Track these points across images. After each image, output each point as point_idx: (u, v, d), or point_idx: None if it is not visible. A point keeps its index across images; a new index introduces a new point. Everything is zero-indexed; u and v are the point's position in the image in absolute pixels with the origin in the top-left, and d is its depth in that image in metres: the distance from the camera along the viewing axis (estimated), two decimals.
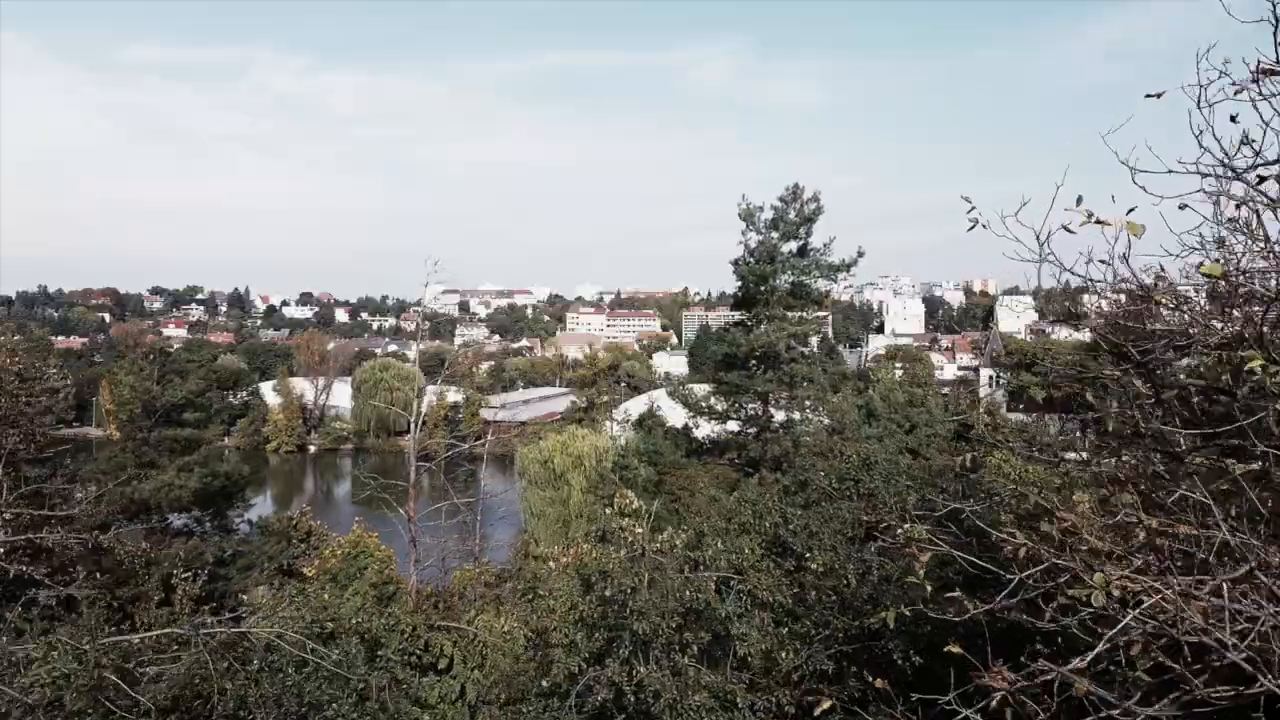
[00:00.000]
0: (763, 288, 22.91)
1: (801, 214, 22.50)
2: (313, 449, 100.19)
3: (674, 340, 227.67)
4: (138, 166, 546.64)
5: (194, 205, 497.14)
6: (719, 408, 23.31)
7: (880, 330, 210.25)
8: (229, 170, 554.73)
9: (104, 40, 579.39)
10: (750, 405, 23.41)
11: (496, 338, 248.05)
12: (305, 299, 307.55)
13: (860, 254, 22.30)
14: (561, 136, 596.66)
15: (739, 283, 23.50)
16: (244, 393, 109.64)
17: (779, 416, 22.76)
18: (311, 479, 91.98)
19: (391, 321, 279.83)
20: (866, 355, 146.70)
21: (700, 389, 24.58)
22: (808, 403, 21.29)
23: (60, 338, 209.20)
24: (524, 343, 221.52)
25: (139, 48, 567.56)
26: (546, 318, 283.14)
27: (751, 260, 22.82)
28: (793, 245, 23.26)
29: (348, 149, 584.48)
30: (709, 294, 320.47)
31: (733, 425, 24.58)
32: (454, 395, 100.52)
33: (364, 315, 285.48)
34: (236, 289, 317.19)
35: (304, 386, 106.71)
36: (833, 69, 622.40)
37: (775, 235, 22.77)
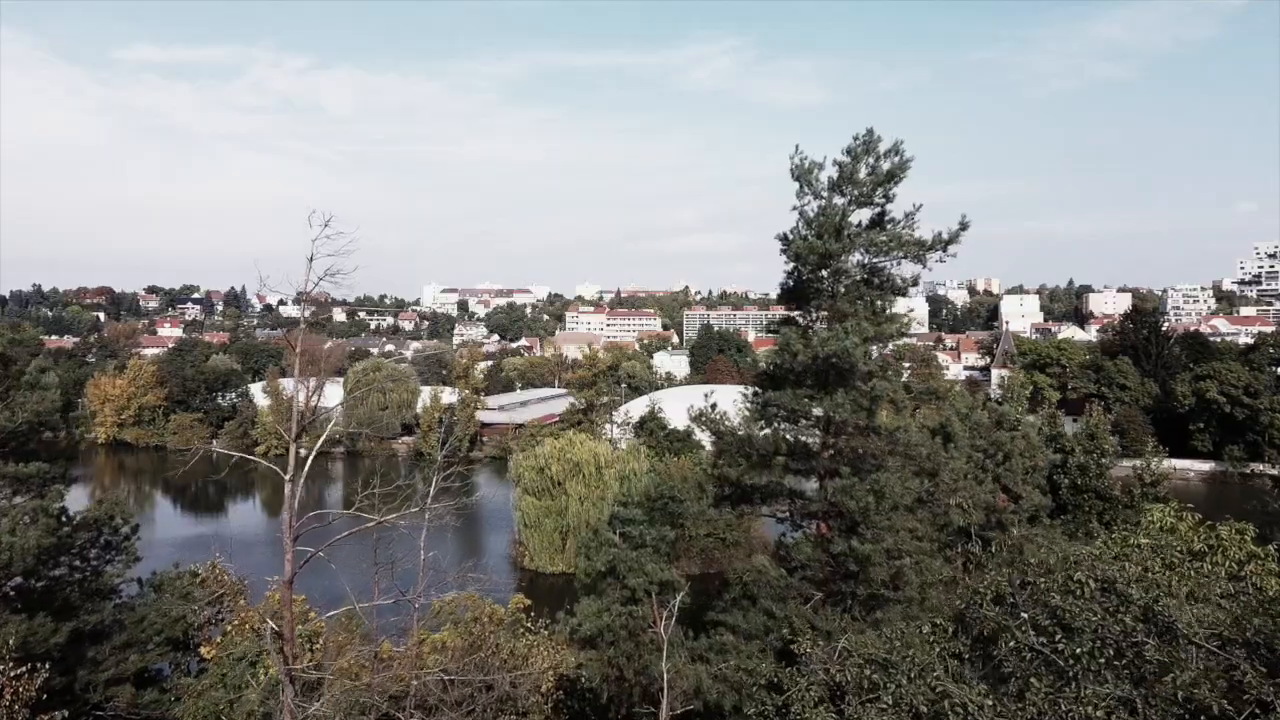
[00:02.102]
0: (824, 272, 16.49)
1: (876, 172, 15.98)
2: (303, 452, 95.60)
3: (675, 340, 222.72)
4: (135, 165, 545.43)
5: (191, 204, 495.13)
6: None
7: None
8: (227, 169, 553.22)
9: (103, 40, 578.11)
10: (807, 437, 17.13)
11: (495, 337, 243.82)
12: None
13: (964, 225, 15.71)
14: (561, 136, 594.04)
15: (791, 265, 16.65)
16: (233, 394, 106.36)
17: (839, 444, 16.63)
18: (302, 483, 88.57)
19: (390, 320, 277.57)
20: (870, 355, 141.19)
21: (731, 406, 18.28)
22: (899, 434, 15.09)
23: (54, 337, 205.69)
24: (523, 342, 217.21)
25: (138, 47, 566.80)
26: (546, 317, 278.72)
27: (809, 234, 16.15)
28: (865, 214, 16.80)
29: (346, 149, 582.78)
30: (709, 293, 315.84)
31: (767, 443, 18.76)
32: (448, 397, 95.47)
33: (361, 314, 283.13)
34: (233, 288, 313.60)
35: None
36: (832, 69, 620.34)
37: (841, 200, 16.30)
